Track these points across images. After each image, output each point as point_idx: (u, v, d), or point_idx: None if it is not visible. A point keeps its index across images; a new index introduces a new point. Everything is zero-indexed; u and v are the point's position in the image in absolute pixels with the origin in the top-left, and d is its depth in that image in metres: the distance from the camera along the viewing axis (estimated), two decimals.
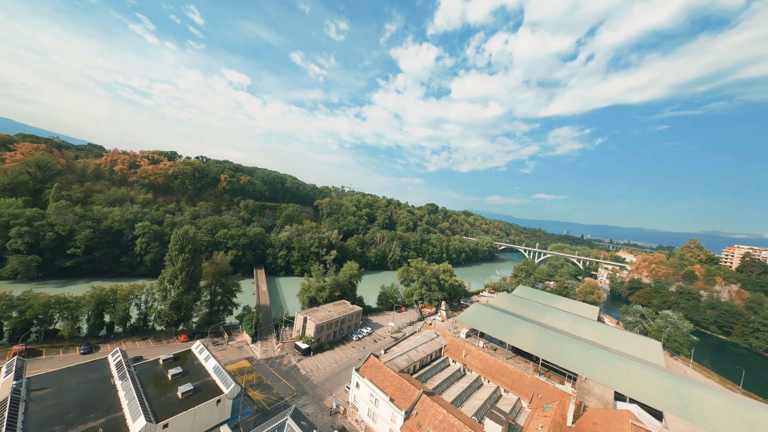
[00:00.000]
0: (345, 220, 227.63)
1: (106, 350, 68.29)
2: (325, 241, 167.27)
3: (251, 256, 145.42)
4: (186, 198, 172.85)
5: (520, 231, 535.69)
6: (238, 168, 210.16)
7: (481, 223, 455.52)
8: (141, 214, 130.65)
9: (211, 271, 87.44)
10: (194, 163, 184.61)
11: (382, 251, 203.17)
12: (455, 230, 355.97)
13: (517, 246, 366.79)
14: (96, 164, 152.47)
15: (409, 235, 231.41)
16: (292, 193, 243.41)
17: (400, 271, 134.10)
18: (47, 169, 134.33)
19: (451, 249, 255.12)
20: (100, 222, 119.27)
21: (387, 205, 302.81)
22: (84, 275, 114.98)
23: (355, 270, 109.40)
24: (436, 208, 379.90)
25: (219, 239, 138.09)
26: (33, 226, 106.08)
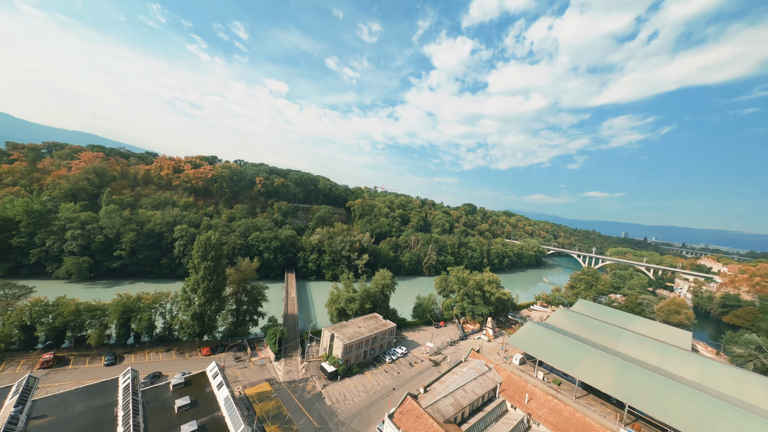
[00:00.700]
0: (377, 222, 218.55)
1: (130, 362, 65.72)
2: (357, 245, 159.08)
3: (282, 259, 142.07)
4: (224, 201, 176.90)
5: (569, 233, 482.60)
6: (272, 170, 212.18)
7: (525, 224, 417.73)
8: (180, 217, 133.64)
9: (237, 278, 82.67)
10: (232, 167, 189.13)
11: (417, 255, 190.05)
12: (496, 232, 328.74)
13: (568, 250, 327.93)
14: (146, 170, 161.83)
15: (445, 238, 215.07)
16: (324, 195, 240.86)
17: (438, 280, 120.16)
18: (103, 176, 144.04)
19: (492, 253, 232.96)
20: (144, 225, 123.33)
21: (421, 206, 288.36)
22: (129, 276, 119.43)
23: (388, 279, 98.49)
24: (474, 208, 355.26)
25: (251, 242, 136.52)
26: (85, 229, 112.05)
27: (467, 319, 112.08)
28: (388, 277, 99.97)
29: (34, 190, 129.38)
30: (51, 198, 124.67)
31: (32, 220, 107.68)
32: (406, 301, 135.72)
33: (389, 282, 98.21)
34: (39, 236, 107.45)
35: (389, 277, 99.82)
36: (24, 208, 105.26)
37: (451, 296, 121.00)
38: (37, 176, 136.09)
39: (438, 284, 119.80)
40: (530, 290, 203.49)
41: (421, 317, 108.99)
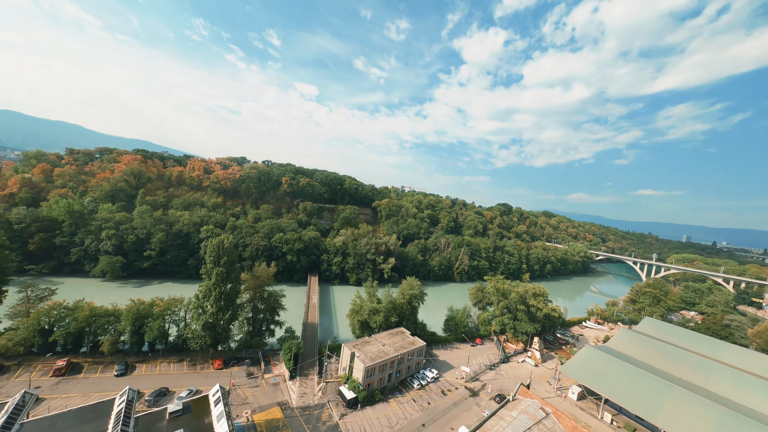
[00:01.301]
0: (405, 223, 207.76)
1: (140, 372, 62.24)
2: (383, 248, 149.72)
3: (306, 262, 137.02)
4: (251, 201, 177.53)
5: (620, 236, 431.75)
6: (298, 170, 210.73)
7: (567, 225, 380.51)
8: (206, 217, 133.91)
9: (253, 284, 77.13)
10: (259, 167, 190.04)
11: (447, 260, 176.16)
12: (534, 235, 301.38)
13: (622, 256, 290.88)
14: (179, 171, 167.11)
15: (479, 241, 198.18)
16: (350, 195, 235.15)
17: (474, 290, 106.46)
18: (140, 177, 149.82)
19: (532, 258, 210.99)
20: (172, 225, 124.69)
21: (451, 206, 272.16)
22: (159, 276, 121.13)
23: (416, 289, 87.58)
24: (509, 208, 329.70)
25: (275, 243, 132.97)
26: (119, 229, 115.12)
27: (508, 336, 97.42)
28: (417, 286, 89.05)
29: (80, 191, 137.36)
30: (93, 199, 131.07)
31: (73, 220, 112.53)
32: (436, 309, 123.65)
33: (418, 293, 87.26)
34: (79, 236, 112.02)
35: (418, 287, 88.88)
36: (66, 209, 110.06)
37: (489, 309, 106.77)
38: (84, 178, 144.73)
39: (473, 295, 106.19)
40: (576, 301, 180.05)
41: (453, 332, 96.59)
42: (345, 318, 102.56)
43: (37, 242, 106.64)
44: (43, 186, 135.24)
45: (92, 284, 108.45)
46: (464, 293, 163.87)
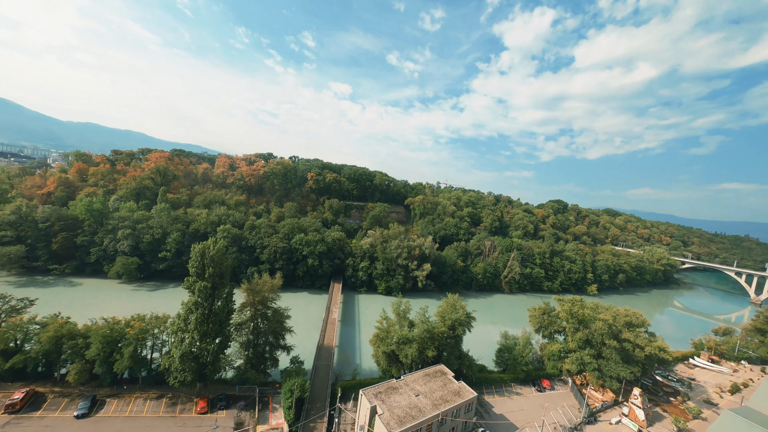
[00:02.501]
0: (441, 223, 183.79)
1: (107, 413, 49.54)
2: (416, 251, 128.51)
3: (328, 266, 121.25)
4: (275, 199, 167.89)
5: (707, 239, 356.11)
6: (325, 165, 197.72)
7: (638, 226, 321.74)
8: (225, 216, 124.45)
9: (252, 300, 61.60)
10: (284, 163, 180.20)
11: (493, 266, 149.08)
12: (597, 237, 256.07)
13: (719, 265, 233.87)
14: (204, 168, 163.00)
15: (531, 245, 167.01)
16: (381, 191, 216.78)
17: (536, 312, 80.00)
18: (165, 175, 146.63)
19: (599, 266, 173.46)
20: (190, 224, 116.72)
21: (495, 204, 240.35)
22: (175, 279, 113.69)
23: (461, 313, 65.25)
24: (564, 205, 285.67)
25: (295, 245, 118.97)
26: (136, 228, 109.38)
27: (589, 380, 70.56)
28: (462, 308, 66.70)
29: (109, 189, 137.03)
30: (119, 197, 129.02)
31: (94, 219, 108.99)
32: (480, 327, 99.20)
33: (463, 318, 64.85)
34: (99, 235, 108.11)
35: (463, 310, 66.48)
36: (86, 207, 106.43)
37: (558, 339, 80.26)
38: (116, 177, 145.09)
39: (535, 318, 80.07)
40: (662, 324, 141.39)
41: (511, 369, 72.44)
42: (370, 339, 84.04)
43: (60, 241, 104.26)
44: (78, 185, 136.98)
45: (109, 286, 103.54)
46: (514, 307, 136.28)
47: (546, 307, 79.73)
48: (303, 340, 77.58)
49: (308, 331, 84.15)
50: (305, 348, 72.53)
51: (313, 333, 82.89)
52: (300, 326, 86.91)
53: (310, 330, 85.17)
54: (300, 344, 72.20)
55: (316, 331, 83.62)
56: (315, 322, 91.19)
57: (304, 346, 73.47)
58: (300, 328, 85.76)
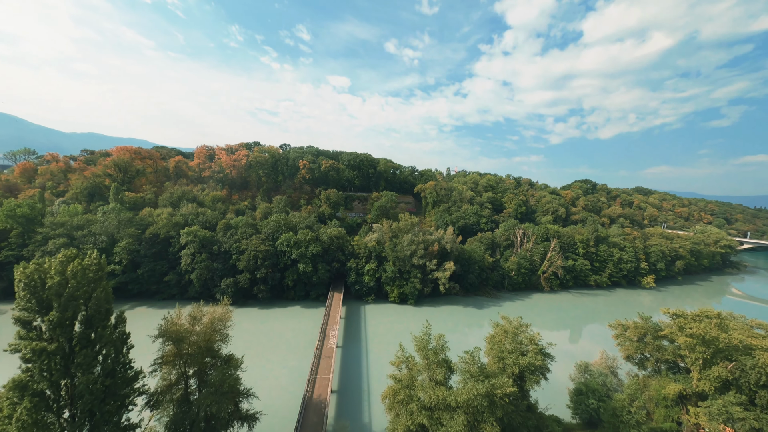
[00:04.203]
0: (459, 212, 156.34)
1: None
2: (435, 247, 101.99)
3: (326, 271, 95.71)
4: (262, 193, 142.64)
5: (751, 215, 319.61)
6: (320, 152, 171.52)
7: (674, 204, 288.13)
8: (192, 215, 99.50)
9: (177, 353, 35.93)
10: (272, 151, 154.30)
11: (529, 260, 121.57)
12: (634, 218, 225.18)
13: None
14: (176, 161, 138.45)
15: (571, 231, 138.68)
16: (386, 180, 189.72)
17: (631, 333, 52.28)
18: (127, 171, 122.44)
19: (652, 253, 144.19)
20: (146, 228, 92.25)
21: (516, 187, 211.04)
22: (132, 298, 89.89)
23: (532, 352, 38.43)
24: (593, 185, 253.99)
25: (281, 248, 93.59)
26: (74, 236, 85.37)
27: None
28: (532, 340, 39.69)
29: (60, 191, 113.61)
30: (66, 200, 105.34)
31: (22, 228, 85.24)
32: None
33: (537, 360, 37.83)
34: (30, 248, 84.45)
35: (534, 343, 39.48)
36: (5, 213, 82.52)
37: (671, 375, 52.93)
38: (70, 176, 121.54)
39: (628, 341, 52.49)
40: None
41: (611, 430, 45.69)
42: (382, 394, 57.95)
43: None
44: (24, 188, 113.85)
45: None
46: (561, 310, 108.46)
47: (645, 325, 52.18)
48: (280, 395, 52.34)
49: (292, 374, 58.88)
50: (283, 408, 47.38)
51: (299, 375, 57.61)
52: (280, 366, 61.32)
53: (295, 370, 59.80)
54: (274, 403, 47.03)
55: (304, 369, 58.32)
56: (304, 352, 65.91)
57: (282, 405, 48.30)
58: (280, 369, 60.09)
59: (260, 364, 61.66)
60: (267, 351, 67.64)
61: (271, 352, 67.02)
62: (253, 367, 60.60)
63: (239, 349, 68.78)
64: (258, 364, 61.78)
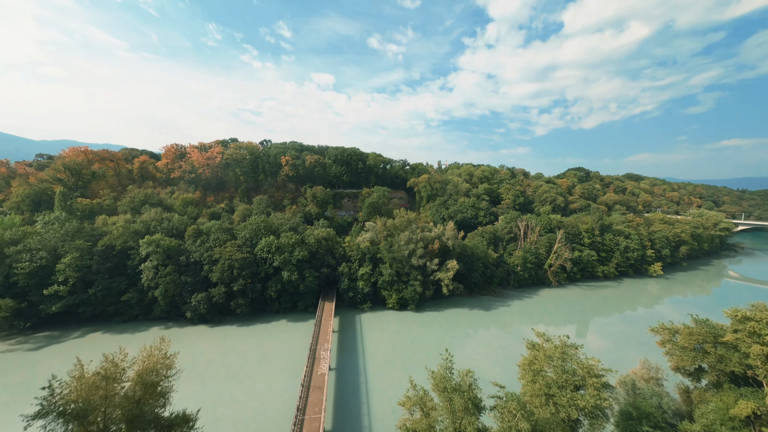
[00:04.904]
0: (455, 205, 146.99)
1: None
2: (435, 244, 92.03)
3: (314, 279, 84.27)
4: (240, 193, 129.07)
5: (736, 197, 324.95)
6: (304, 147, 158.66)
7: (665, 189, 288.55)
8: (156, 222, 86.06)
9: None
10: (250, 147, 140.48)
11: (534, 253, 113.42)
12: (630, 204, 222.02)
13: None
14: (140, 161, 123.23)
15: (574, 220, 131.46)
16: (377, 175, 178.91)
17: (684, 341, 43.13)
18: (80, 175, 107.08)
19: (657, 239, 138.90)
20: (98, 239, 78.46)
21: (512, 177, 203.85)
22: (84, 323, 76.18)
23: (597, 391, 28.49)
24: (587, 173, 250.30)
25: (261, 255, 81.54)
26: (5, 254, 70.97)
27: None
28: (590, 369, 29.75)
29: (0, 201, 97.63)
30: (2, 211, 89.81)
31: None
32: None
33: (605, 402, 27.92)
34: None
35: (600, 389, 29.26)
36: None
37: (735, 389, 44.46)
38: (12, 183, 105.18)
39: (680, 350, 43.28)
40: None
41: None
42: (386, 406, 47.36)
43: None
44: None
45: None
46: (571, 305, 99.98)
47: (701, 330, 43.26)
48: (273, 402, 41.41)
49: (273, 413, 47.62)
50: None
51: (282, 415, 46.46)
52: (259, 401, 50.07)
53: (278, 407, 48.54)
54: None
55: (288, 404, 47.20)
56: (290, 380, 54.67)
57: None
58: (258, 406, 48.84)
59: (234, 400, 50.23)
60: (244, 381, 56.19)
61: (249, 382, 55.61)
62: (224, 405, 49.24)
63: (209, 382, 56.41)
64: (231, 400, 50.33)
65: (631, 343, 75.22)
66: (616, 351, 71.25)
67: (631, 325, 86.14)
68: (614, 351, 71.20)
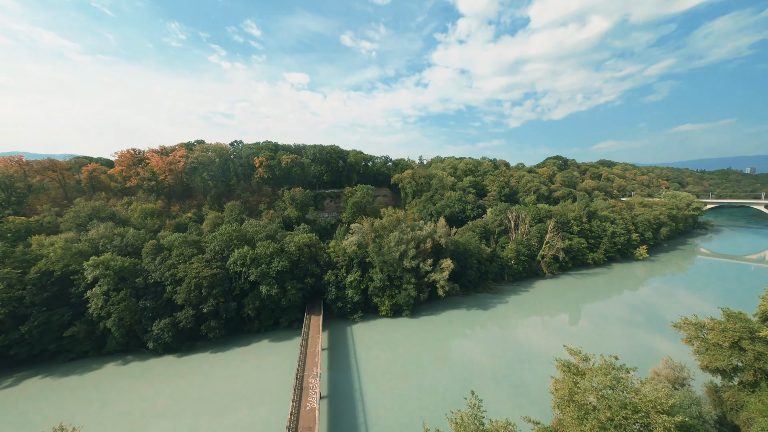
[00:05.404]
0: (443, 200, 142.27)
1: None
2: (428, 244, 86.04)
3: (297, 291, 75.75)
4: (210, 200, 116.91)
5: (698, 177, 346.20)
6: (280, 147, 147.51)
7: (636, 173, 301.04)
8: (106, 239, 73.90)
9: None
10: (218, 148, 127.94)
11: (526, 245, 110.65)
12: (607, 190, 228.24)
13: (744, 201, 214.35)
14: (89, 171, 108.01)
15: (561, 209, 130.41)
16: (359, 173, 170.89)
17: (714, 336, 39.17)
18: (11, 189, 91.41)
19: (640, 223, 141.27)
20: (31, 265, 65.68)
21: (495, 169, 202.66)
22: (17, 367, 63.58)
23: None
24: (565, 161, 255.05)
25: (234, 269, 71.88)
26: None
27: None
28: (668, 423, 23.88)
29: None
30: None
31: None
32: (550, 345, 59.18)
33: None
34: None
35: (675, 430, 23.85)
36: None
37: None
38: None
39: (708, 345, 39.12)
40: (742, 294, 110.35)
41: None
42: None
43: None
44: None
45: None
46: (567, 295, 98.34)
47: (737, 327, 38.95)
48: None
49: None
50: None
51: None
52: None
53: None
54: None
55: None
56: (272, 420, 46.48)
57: None
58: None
59: None
60: (219, 420, 47.39)
61: (227, 422, 46.91)
62: None
63: (177, 424, 46.49)
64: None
65: (620, 324, 74.02)
66: (609, 336, 69.06)
67: (621, 308, 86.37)
68: (608, 335, 69.08)
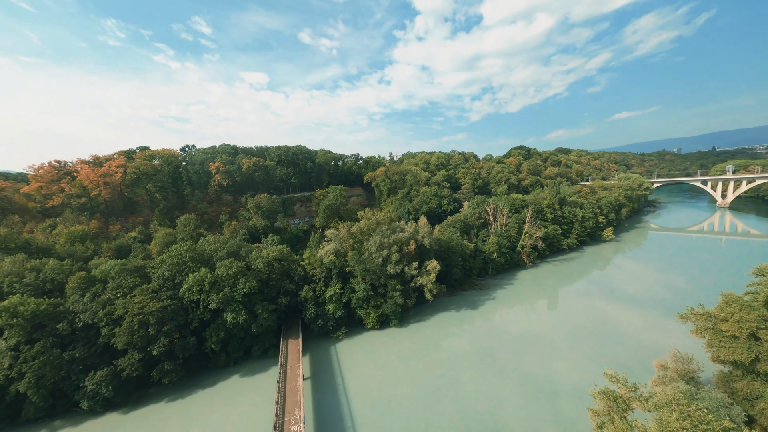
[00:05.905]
0: (419, 197, 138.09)
1: None
2: (411, 246, 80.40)
3: (269, 314, 66.03)
4: (159, 214, 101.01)
5: (640, 159, 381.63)
6: (238, 150, 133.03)
7: (589, 159, 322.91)
8: (13, 277, 58.40)
9: None
10: (165, 155, 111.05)
11: (506, 236, 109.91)
12: (568, 175, 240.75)
13: (684, 179, 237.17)
14: (2, 186, 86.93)
15: (534, 198, 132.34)
16: (329, 173, 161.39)
17: (729, 324, 36.83)
18: None
19: (604, 205, 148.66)
20: None
21: (465, 161, 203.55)
22: None
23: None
24: (527, 151, 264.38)
25: (189, 297, 60.40)
26: None
27: None
28: None
29: None
30: None
31: None
32: (546, 340, 55.70)
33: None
34: None
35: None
36: None
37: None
38: None
39: (717, 337, 37.49)
40: (715, 271, 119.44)
41: None
42: None
43: None
44: None
45: None
46: (549, 282, 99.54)
47: (753, 317, 36.80)
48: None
49: None
50: None
51: None
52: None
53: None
54: None
55: None
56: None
57: None
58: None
59: None
60: None
61: None
62: None
63: None
64: None
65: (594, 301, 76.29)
66: (583, 316, 70.16)
67: (596, 287, 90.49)
68: (582, 315, 70.21)
